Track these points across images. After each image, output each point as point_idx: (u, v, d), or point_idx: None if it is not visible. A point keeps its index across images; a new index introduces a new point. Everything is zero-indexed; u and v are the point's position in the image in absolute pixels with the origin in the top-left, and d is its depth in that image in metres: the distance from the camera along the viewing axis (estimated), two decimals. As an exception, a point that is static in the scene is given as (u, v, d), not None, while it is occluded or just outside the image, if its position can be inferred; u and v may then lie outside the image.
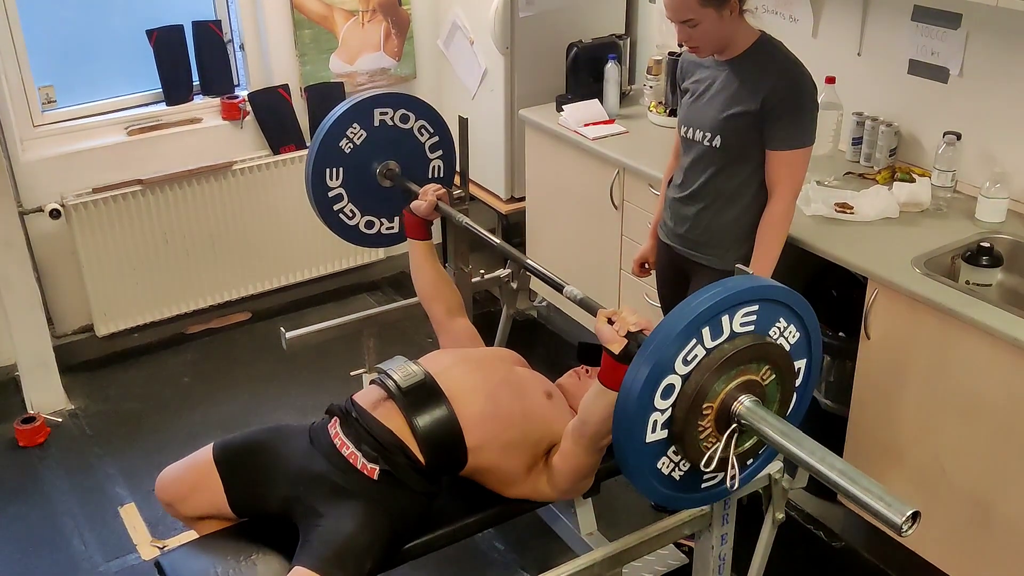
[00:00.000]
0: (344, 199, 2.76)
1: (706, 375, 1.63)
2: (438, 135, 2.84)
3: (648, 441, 1.66)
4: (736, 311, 1.64)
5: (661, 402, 1.63)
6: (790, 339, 1.75)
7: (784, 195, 2.44)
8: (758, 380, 1.68)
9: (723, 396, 1.65)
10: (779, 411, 1.75)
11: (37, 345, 3.56)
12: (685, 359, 1.62)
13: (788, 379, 1.74)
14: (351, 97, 2.70)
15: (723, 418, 1.67)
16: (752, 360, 1.67)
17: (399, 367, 2.25)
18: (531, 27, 3.75)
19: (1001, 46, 2.72)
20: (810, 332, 1.78)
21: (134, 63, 3.85)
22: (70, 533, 3.05)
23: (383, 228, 2.86)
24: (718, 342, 1.64)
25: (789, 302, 1.72)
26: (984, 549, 2.44)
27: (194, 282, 4.02)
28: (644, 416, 1.63)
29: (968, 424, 2.38)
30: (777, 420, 1.65)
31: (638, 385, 1.60)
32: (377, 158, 2.76)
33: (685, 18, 2.35)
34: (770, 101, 2.37)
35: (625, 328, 1.84)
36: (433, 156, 2.86)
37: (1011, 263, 2.61)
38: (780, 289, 1.70)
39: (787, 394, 1.75)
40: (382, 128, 2.73)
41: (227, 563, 2.11)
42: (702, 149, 2.51)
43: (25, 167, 3.61)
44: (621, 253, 3.38)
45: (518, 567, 2.89)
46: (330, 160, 2.70)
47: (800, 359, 1.79)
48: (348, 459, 2.14)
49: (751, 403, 1.66)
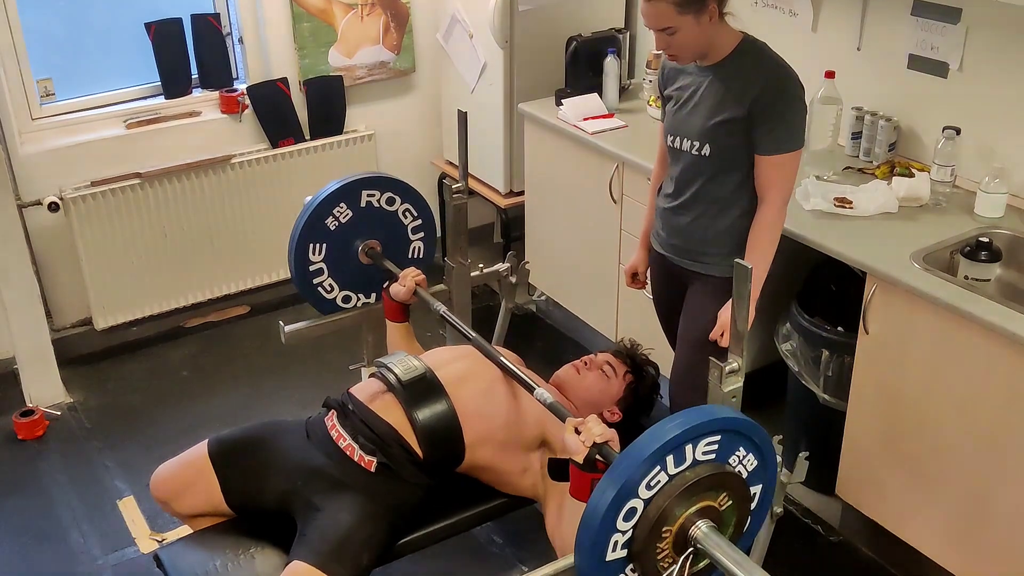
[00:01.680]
0: (324, 273, 2.81)
1: (668, 501, 1.67)
2: (421, 218, 2.89)
3: (608, 560, 1.70)
4: (700, 440, 1.68)
5: (623, 524, 1.67)
6: (748, 467, 1.79)
7: (774, 200, 2.39)
8: (715, 506, 1.73)
9: (682, 521, 1.70)
10: (734, 533, 1.80)
11: (36, 338, 3.56)
12: (648, 484, 1.65)
13: (744, 505, 1.79)
14: (339, 180, 2.76)
15: (680, 541, 1.71)
16: (711, 488, 1.71)
17: (400, 361, 2.26)
18: (530, 21, 3.74)
19: (1001, 41, 2.72)
20: (767, 459, 1.82)
21: (133, 56, 3.85)
22: (69, 526, 3.06)
23: (359, 303, 2.91)
24: (680, 469, 1.68)
25: (750, 434, 1.76)
26: (981, 543, 2.44)
27: (193, 276, 4.02)
28: (606, 536, 1.66)
29: (966, 419, 2.39)
30: (731, 549, 1.69)
31: (603, 507, 1.64)
32: (360, 236, 2.81)
33: (662, 26, 2.28)
34: (757, 106, 2.32)
35: (591, 439, 1.86)
36: (415, 238, 2.91)
37: (1010, 258, 2.61)
38: (743, 422, 1.74)
39: (742, 517, 1.80)
40: (368, 209, 2.79)
41: (226, 556, 2.12)
42: (691, 158, 2.46)
43: (24, 160, 3.61)
44: (620, 247, 3.38)
45: (516, 560, 2.89)
46: (315, 236, 2.75)
47: (756, 485, 1.84)
48: (345, 451, 2.14)
49: (708, 529, 1.70)
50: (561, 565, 1.85)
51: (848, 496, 2.78)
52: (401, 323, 2.65)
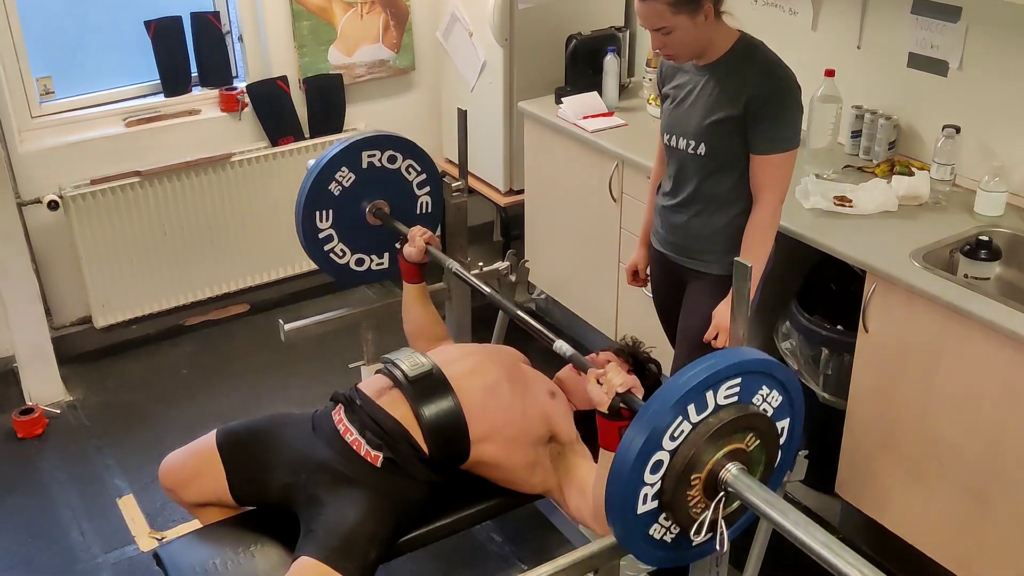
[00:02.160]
0: (334, 239, 2.80)
1: (692, 450, 1.67)
2: (425, 173, 2.86)
3: (640, 513, 1.70)
4: (720, 386, 1.68)
5: (650, 477, 1.67)
6: (773, 403, 1.79)
7: (769, 200, 2.38)
8: (743, 448, 1.73)
9: (710, 466, 1.70)
10: (765, 472, 1.80)
11: (35, 337, 3.56)
12: (672, 435, 1.65)
13: (772, 442, 1.79)
14: (338, 141, 2.74)
15: (711, 486, 1.72)
16: (737, 431, 1.71)
17: (407, 357, 2.26)
18: (530, 19, 3.74)
19: (1001, 40, 2.72)
20: (791, 393, 1.81)
21: (132, 54, 3.84)
22: (68, 524, 3.06)
23: (372, 264, 2.90)
24: (703, 416, 1.68)
25: (770, 371, 1.75)
26: (981, 541, 2.44)
27: (192, 274, 4.02)
28: (635, 491, 1.67)
29: (966, 417, 2.39)
30: (762, 489, 1.69)
31: (628, 463, 1.64)
32: (366, 198, 2.79)
33: (658, 26, 2.28)
34: (753, 105, 2.31)
35: (612, 389, 1.89)
36: (421, 193, 2.89)
37: (1009, 257, 2.61)
38: (761, 361, 1.73)
39: (772, 455, 1.80)
40: (370, 170, 2.76)
41: (226, 554, 2.12)
42: (687, 157, 2.46)
43: (23, 158, 3.61)
44: (620, 246, 3.38)
45: (516, 559, 2.89)
46: (320, 203, 2.74)
47: (783, 419, 1.83)
48: (351, 446, 2.14)
49: (737, 471, 1.70)
50: (572, 559, 1.87)
51: (847, 494, 2.78)
52: (416, 284, 2.65)
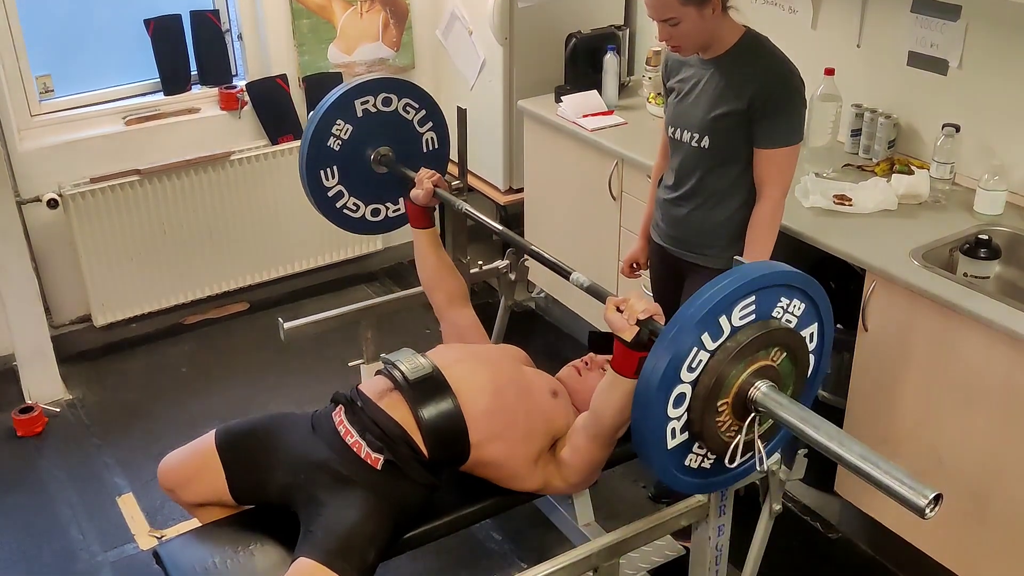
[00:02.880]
0: (345, 195, 2.74)
1: (714, 378, 1.63)
2: (424, 109, 2.79)
3: (671, 448, 1.68)
4: (732, 308, 1.64)
5: (674, 411, 1.65)
6: (796, 313, 1.74)
7: (772, 194, 2.40)
8: (770, 363, 1.69)
9: (737, 387, 1.66)
10: (797, 384, 1.75)
11: (35, 335, 3.56)
12: (690, 366, 1.62)
13: (801, 352, 1.74)
14: (328, 95, 2.66)
15: (740, 407, 1.68)
16: (760, 348, 1.67)
17: (407, 359, 2.25)
18: (530, 18, 3.74)
19: (1000, 38, 2.72)
20: (815, 298, 1.76)
21: (132, 53, 3.84)
22: (68, 523, 3.06)
23: (390, 212, 2.84)
24: (720, 342, 1.64)
25: (786, 282, 1.71)
26: (981, 540, 2.44)
27: (192, 272, 4.02)
28: (662, 427, 1.65)
29: (966, 416, 2.39)
30: (794, 405, 1.64)
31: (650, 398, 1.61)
32: (369, 146, 2.72)
33: (665, 16, 2.30)
34: (757, 99, 2.33)
35: (634, 316, 1.85)
36: (424, 130, 2.81)
37: (1009, 255, 2.61)
38: (773, 274, 1.69)
39: (803, 365, 1.76)
40: (366, 117, 2.69)
41: (225, 553, 2.11)
42: (690, 150, 2.48)
43: (23, 157, 3.61)
44: (619, 245, 3.38)
45: (515, 557, 2.89)
46: (322, 161, 2.67)
47: (810, 326, 1.78)
48: (352, 447, 2.14)
49: (767, 388, 1.67)
50: (572, 557, 1.87)
51: (847, 493, 2.78)
52: (426, 229, 2.62)
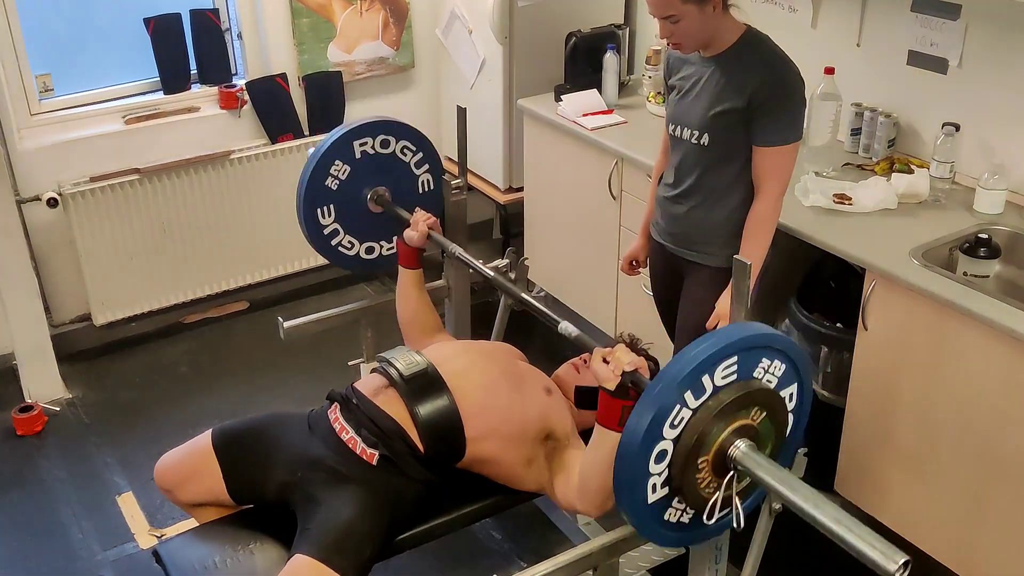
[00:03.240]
0: (340, 233, 2.80)
1: (695, 436, 1.66)
2: (421, 151, 2.86)
3: (651, 502, 1.70)
4: (715, 368, 1.66)
5: (656, 467, 1.67)
6: (776, 373, 1.76)
7: (771, 192, 2.41)
8: (750, 423, 1.71)
9: (718, 445, 1.68)
10: (776, 442, 1.78)
11: (35, 334, 3.56)
12: (672, 423, 1.64)
13: (780, 412, 1.77)
14: (327, 136, 2.72)
15: (720, 464, 1.70)
16: (740, 408, 1.69)
17: (402, 355, 2.26)
18: (530, 16, 3.74)
19: (1000, 37, 2.72)
20: (795, 359, 1.79)
21: (132, 52, 3.84)
22: (68, 522, 3.06)
23: (384, 250, 2.90)
24: (702, 400, 1.66)
25: (768, 344, 1.73)
26: (980, 539, 2.45)
27: (192, 271, 4.02)
28: (643, 482, 1.67)
29: (965, 415, 2.39)
30: (772, 465, 1.67)
31: (631, 455, 1.63)
32: (366, 186, 2.78)
33: (667, 14, 2.31)
34: (757, 97, 2.34)
35: (620, 368, 1.87)
36: (420, 172, 2.88)
37: (1009, 254, 2.62)
38: (755, 336, 1.71)
39: (782, 424, 1.79)
40: (364, 158, 2.76)
41: (225, 552, 2.12)
42: (690, 147, 2.48)
43: (22, 156, 3.60)
44: (619, 244, 3.38)
45: (515, 556, 2.89)
46: (320, 200, 2.73)
47: (790, 386, 1.81)
48: (347, 444, 2.14)
49: (746, 447, 1.69)
50: (571, 556, 1.87)
51: (847, 492, 2.78)
52: (414, 270, 2.65)
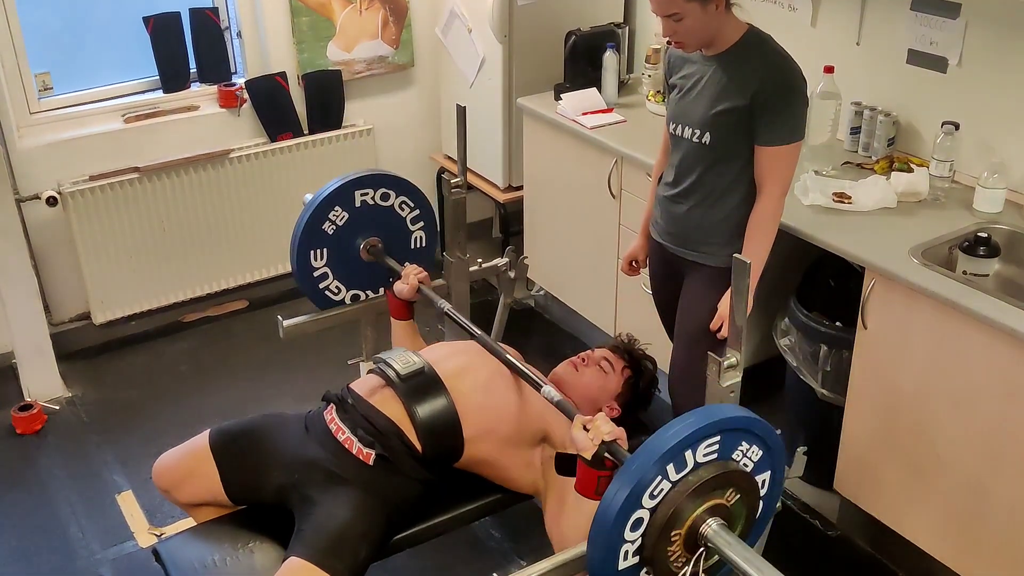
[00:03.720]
0: (329, 277, 2.82)
1: (672, 508, 1.68)
2: (418, 208, 2.88)
3: (621, 569, 1.71)
4: (699, 445, 1.69)
5: (630, 534, 1.68)
6: (753, 458, 1.80)
7: (773, 192, 2.40)
8: (723, 503, 1.74)
9: (691, 522, 1.71)
10: (745, 525, 1.81)
11: (34, 333, 3.56)
12: (652, 493, 1.67)
13: (752, 496, 1.80)
14: (330, 183, 2.75)
15: (691, 540, 1.73)
16: (716, 487, 1.72)
17: (399, 356, 2.26)
18: (529, 15, 3.74)
19: (1000, 36, 2.72)
20: (771, 448, 1.82)
21: (131, 50, 3.84)
22: (67, 521, 3.06)
23: (368, 299, 2.92)
24: (682, 475, 1.69)
25: (750, 428, 1.76)
26: (979, 538, 2.45)
27: (191, 270, 4.02)
28: (615, 548, 1.68)
29: (964, 413, 2.39)
30: (740, 546, 1.70)
31: (608, 520, 1.65)
32: (360, 235, 2.81)
33: (669, 12, 2.30)
34: (759, 96, 2.34)
35: (599, 437, 1.88)
36: (415, 228, 2.91)
37: (1008, 253, 2.62)
38: (741, 419, 1.74)
39: (752, 507, 1.82)
40: (363, 208, 2.79)
41: (224, 551, 2.12)
42: (691, 146, 2.48)
43: (22, 154, 3.60)
44: (619, 243, 3.38)
45: (515, 555, 2.89)
46: (314, 243, 2.76)
47: (763, 473, 1.84)
48: (343, 444, 2.14)
49: (718, 527, 1.72)
50: (571, 554, 1.86)
51: (846, 491, 2.79)
52: (405, 320, 2.66)
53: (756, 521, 1.85)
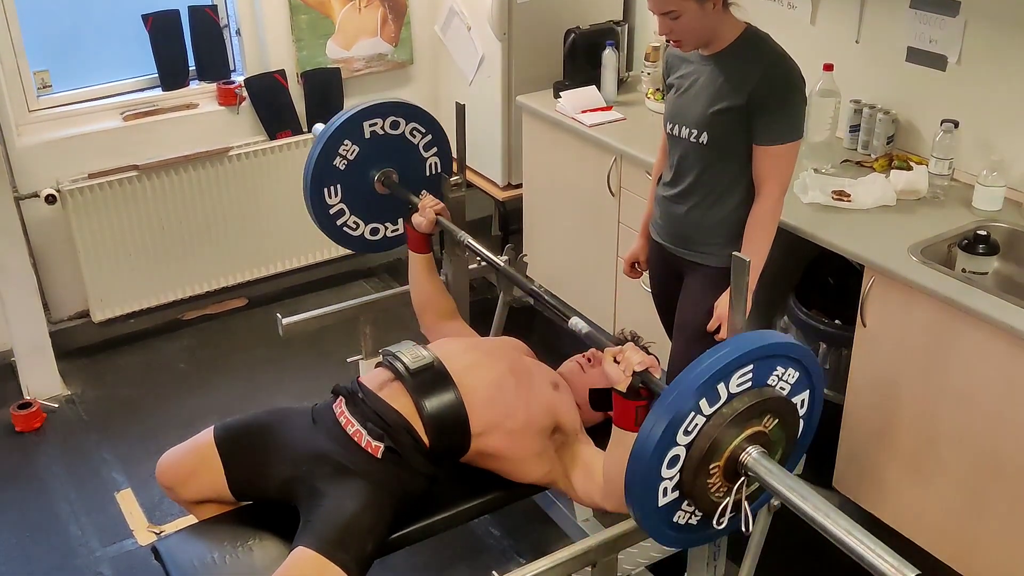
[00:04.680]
0: (346, 213, 2.80)
1: (708, 442, 1.66)
2: (430, 133, 2.85)
3: (661, 505, 1.71)
4: (731, 376, 1.67)
5: (667, 471, 1.67)
6: (789, 381, 1.77)
7: (771, 191, 2.39)
8: (762, 430, 1.72)
9: (729, 452, 1.69)
10: (786, 448, 1.79)
11: (33, 331, 3.56)
12: (686, 430, 1.65)
13: (792, 419, 1.77)
14: (338, 115, 2.72)
15: (731, 469, 1.71)
16: (753, 416, 1.70)
17: (408, 350, 2.27)
18: (529, 13, 3.73)
19: (999, 34, 2.72)
20: (808, 367, 1.79)
21: (130, 48, 3.84)
22: (67, 518, 3.06)
23: (388, 232, 2.90)
24: (716, 407, 1.67)
25: (783, 352, 1.74)
26: (978, 536, 2.45)
27: (190, 268, 4.02)
28: (654, 486, 1.68)
29: (963, 411, 2.39)
30: (783, 473, 1.68)
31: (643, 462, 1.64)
32: (374, 167, 2.78)
33: (666, 10, 2.29)
34: (757, 95, 2.33)
35: (630, 368, 1.89)
36: (428, 154, 2.88)
37: (1007, 251, 2.62)
38: (772, 346, 1.71)
39: (793, 430, 1.79)
40: (374, 139, 2.76)
41: (224, 548, 2.12)
42: (689, 146, 2.47)
43: (21, 152, 3.60)
44: (618, 240, 3.38)
45: (514, 553, 2.90)
46: (327, 179, 2.73)
47: (802, 393, 1.82)
48: (352, 437, 2.14)
49: (758, 454, 1.70)
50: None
51: (845, 489, 2.79)
52: (423, 254, 2.68)
53: (798, 442, 1.83)
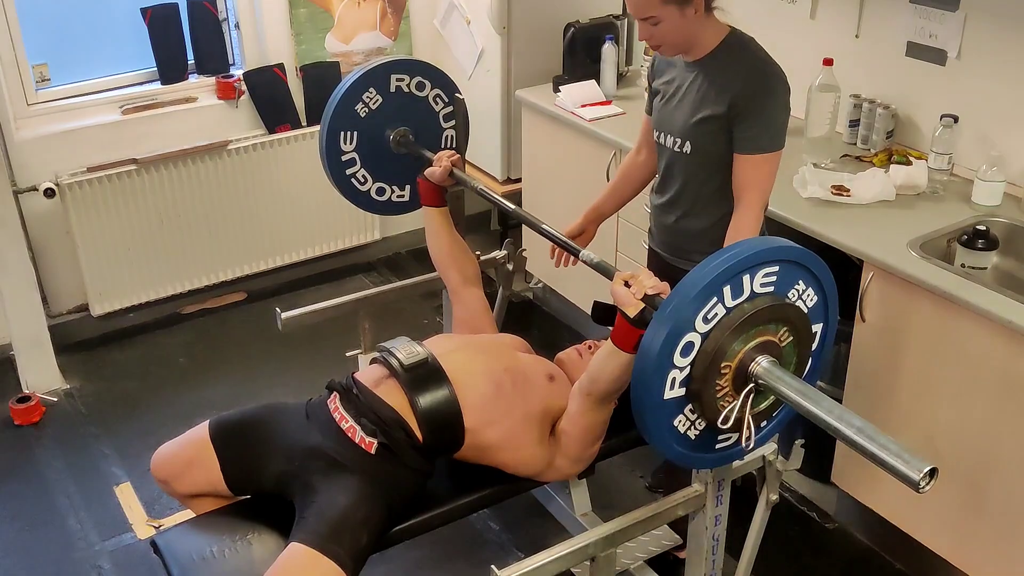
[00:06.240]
0: (357, 163, 2.77)
1: (726, 333, 1.65)
2: (452, 105, 2.83)
3: (666, 398, 1.69)
4: (757, 271, 1.67)
5: (680, 359, 1.66)
6: (808, 302, 1.77)
7: (751, 203, 2.29)
8: (776, 341, 1.71)
9: (741, 356, 1.68)
10: (794, 373, 1.78)
11: (32, 324, 3.56)
12: (705, 317, 1.64)
13: (805, 342, 1.76)
14: (368, 63, 2.71)
15: (740, 378, 1.70)
16: (771, 321, 1.69)
17: (403, 346, 2.26)
18: (528, 7, 3.73)
19: (999, 29, 2.72)
20: (827, 297, 1.80)
21: (129, 41, 3.84)
22: (66, 512, 3.06)
23: (394, 196, 2.87)
24: (738, 301, 1.67)
25: (809, 264, 1.74)
26: (977, 530, 2.45)
27: (189, 262, 4.02)
28: (663, 373, 1.65)
29: (963, 406, 2.39)
30: (794, 380, 1.67)
31: (658, 342, 1.63)
32: (391, 124, 2.76)
33: (646, 15, 2.22)
34: (737, 103, 2.25)
35: (642, 291, 1.85)
36: (447, 126, 2.85)
37: (1007, 246, 2.62)
38: (801, 251, 1.73)
39: (803, 357, 1.78)
40: (398, 94, 2.73)
41: (223, 542, 2.12)
42: (674, 155, 2.42)
43: (19, 146, 3.60)
44: (617, 236, 3.38)
45: (513, 547, 2.90)
46: (345, 123, 2.70)
47: (817, 323, 1.81)
48: (346, 432, 2.14)
49: (768, 363, 1.69)
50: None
51: (844, 484, 2.79)
52: (439, 207, 2.64)
53: (806, 376, 1.82)
